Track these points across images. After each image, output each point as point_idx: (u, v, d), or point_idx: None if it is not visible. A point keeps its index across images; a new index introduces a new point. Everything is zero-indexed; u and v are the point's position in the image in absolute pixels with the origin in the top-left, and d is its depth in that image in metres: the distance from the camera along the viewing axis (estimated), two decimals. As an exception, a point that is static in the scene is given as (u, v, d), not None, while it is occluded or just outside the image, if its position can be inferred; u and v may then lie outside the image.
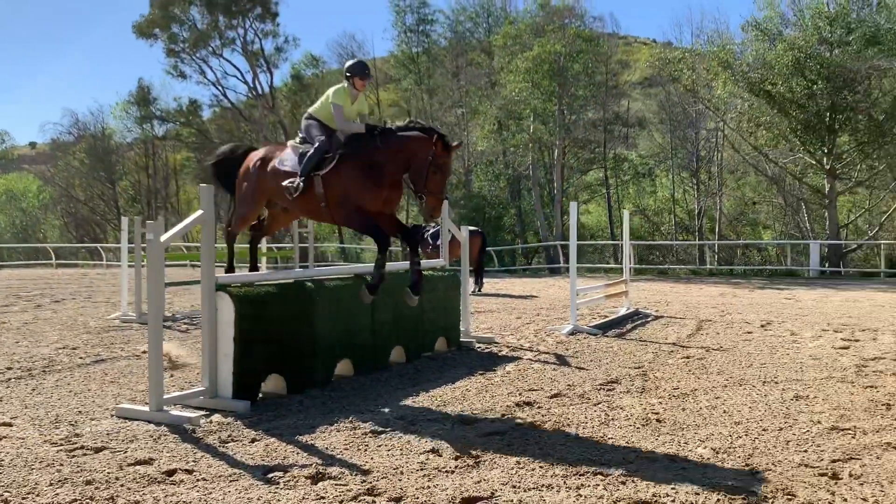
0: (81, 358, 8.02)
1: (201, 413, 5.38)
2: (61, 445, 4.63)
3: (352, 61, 6.95)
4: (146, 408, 5.35)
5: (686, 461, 4.32)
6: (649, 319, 11.63)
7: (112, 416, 5.39)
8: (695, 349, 8.55)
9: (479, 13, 41.86)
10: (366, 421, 5.25)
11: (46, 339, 9.46)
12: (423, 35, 41.90)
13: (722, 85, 27.41)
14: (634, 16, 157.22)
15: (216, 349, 5.68)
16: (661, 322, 11.31)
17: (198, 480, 4.00)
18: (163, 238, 5.57)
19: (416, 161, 6.09)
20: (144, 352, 7.72)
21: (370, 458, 4.38)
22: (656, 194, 40.95)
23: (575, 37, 32.54)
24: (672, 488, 3.81)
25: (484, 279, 18.24)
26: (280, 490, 3.85)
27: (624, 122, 40.19)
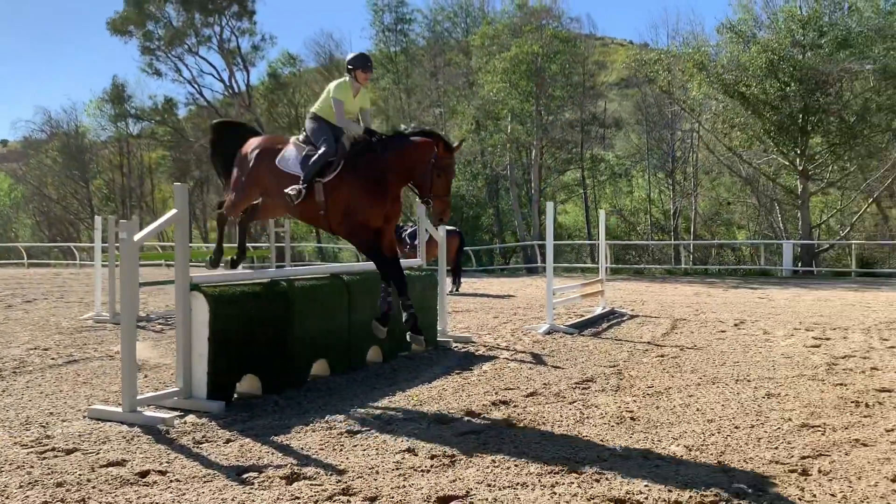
0: (53, 359, 7.92)
1: (175, 414, 5.34)
2: (32, 447, 4.57)
3: (353, 54, 6.74)
4: (119, 409, 5.29)
5: (659, 459, 4.36)
6: (625, 318, 11.72)
7: (84, 418, 5.33)
8: (669, 348, 8.64)
9: (458, 13, 41.90)
10: (341, 421, 5.24)
11: (17, 340, 9.32)
12: (401, 34, 41.83)
13: (697, 86, 27.68)
14: (611, 17, 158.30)
15: (190, 349, 5.64)
16: (637, 321, 11.41)
17: (171, 481, 3.97)
18: (136, 237, 5.52)
19: (419, 166, 5.97)
20: (118, 352, 7.64)
21: (346, 458, 4.37)
22: (632, 194, 41.27)
23: (552, 37, 32.66)
24: (645, 486, 3.85)
25: (462, 279, 18.27)
26: (255, 490, 3.83)
27: (601, 123, 40.42)
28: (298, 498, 3.72)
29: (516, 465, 4.21)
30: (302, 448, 4.58)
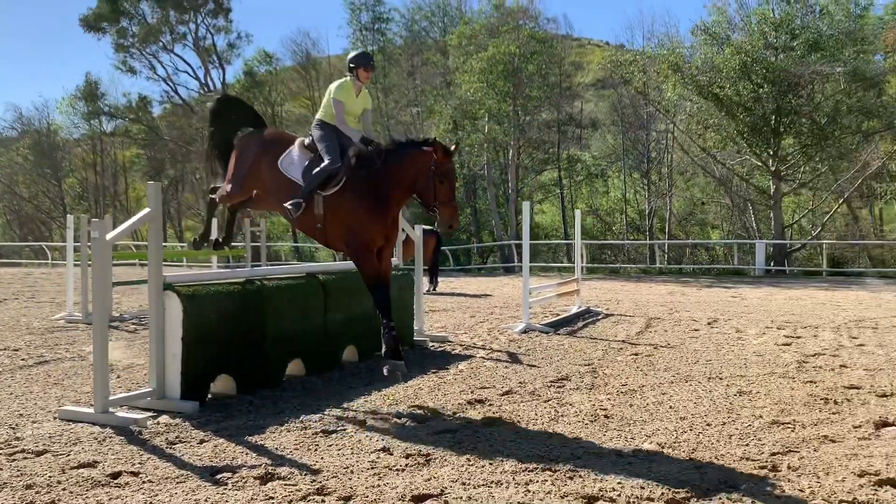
0: (23, 359, 7.80)
1: (148, 414, 5.29)
2: (1, 449, 4.50)
3: (355, 52, 6.56)
4: (91, 410, 5.23)
5: (632, 456, 4.41)
6: (600, 317, 11.81)
7: (55, 419, 5.26)
8: (643, 346, 8.72)
9: (435, 12, 41.94)
10: (317, 421, 5.23)
11: (-13, 341, 9.17)
12: (379, 33, 41.79)
13: (672, 87, 27.96)
14: (588, 18, 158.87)
15: (164, 349, 5.59)
16: (612, 320, 11.50)
17: (144, 482, 3.93)
18: (109, 236, 5.46)
19: (421, 176, 5.85)
20: (90, 353, 7.55)
21: (320, 458, 4.37)
22: (608, 194, 41.57)
23: (529, 38, 32.78)
24: (618, 483, 3.89)
25: (439, 278, 18.29)
26: (228, 491, 3.81)
27: (577, 124, 40.67)
28: (273, 498, 3.71)
29: (491, 464, 4.23)
30: (276, 448, 4.57)
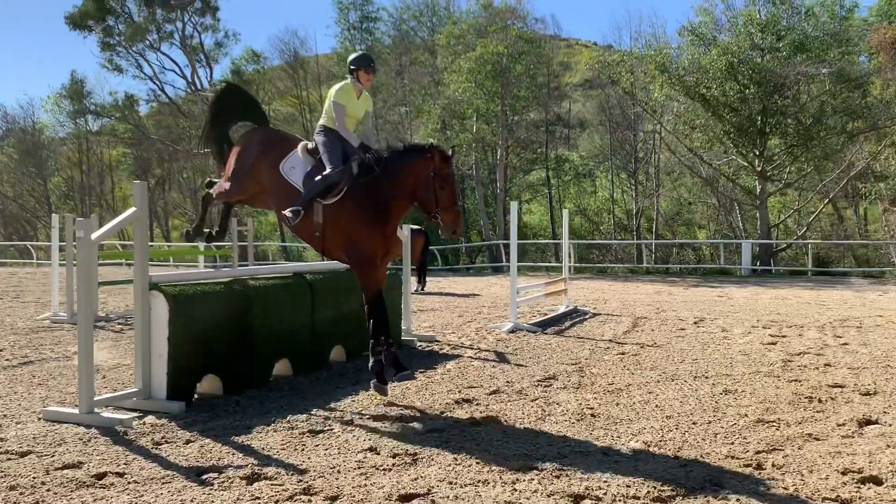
0: (8, 360, 7.74)
1: (134, 415, 5.27)
2: (-16, 450, 4.47)
3: (355, 54, 6.37)
4: (76, 410, 5.20)
5: (619, 454, 4.43)
6: (587, 317, 11.85)
7: (39, 420, 5.23)
8: (630, 346, 8.75)
9: (423, 12, 41.86)
10: (303, 421, 5.22)
11: (-30, 341, 9.09)
12: (367, 33, 41.66)
13: (659, 88, 28.07)
14: (576, 18, 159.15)
15: (150, 349, 5.57)
16: (599, 319, 11.54)
17: (129, 483, 3.91)
18: (94, 236, 5.43)
19: (421, 184, 5.73)
20: (75, 353, 7.50)
21: (307, 458, 4.36)
22: (596, 194, 41.68)
23: (517, 38, 32.83)
24: (604, 481, 3.90)
25: (427, 278, 18.28)
26: (214, 491, 3.80)
27: (565, 124, 40.76)
28: (259, 498, 3.70)
29: (478, 463, 4.23)
30: (263, 448, 4.55)
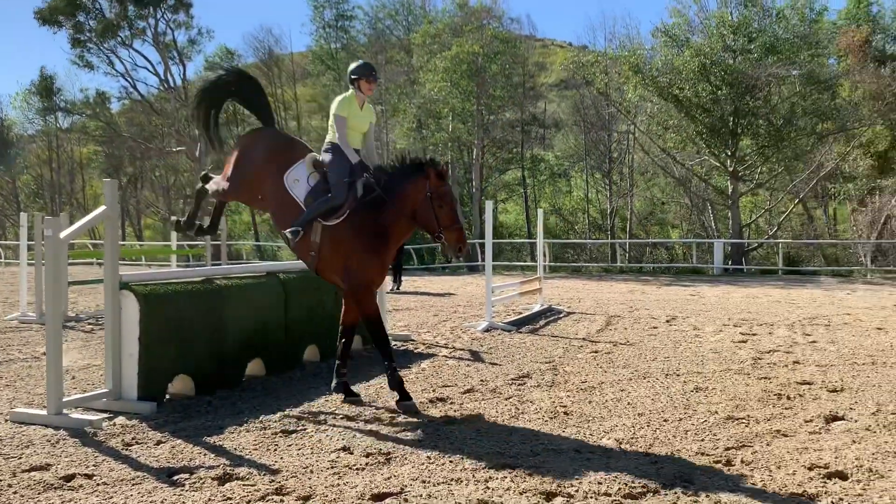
0: (-26, 361, 7.61)
1: (104, 416, 5.21)
2: (-51, 453, 4.39)
3: (356, 63, 6.15)
4: (44, 411, 5.12)
5: (591, 452, 4.47)
6: (561, 316, 11.91)
7: (6, 421, 5.14)
8: (603, 344, 8.82)
9: (399, 11, 41.80)
10: (276, 421, 5.20)
11: (-65, 342, 8.91)
12: (342, 31, 41.58)
13: (633, 89, 28.32)
14: (551, 19, 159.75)
15: (120, 349, 5.50)
16: (573, 318, 11.61)
17: (98, 485, 3.87)
18: (63, 234, 5.36)
19: (420, 206, 5.61)
20: (44, 353, 7.39)
21: (280, 458, 4.34)
22: (571, 194, 41.96)
23: (493, 38, 32.92)
24: (577, 479, 3.93)
25: (403, 277, 18.26)
26: (185, 492, 3.77)
27: (540, 124, 40.96)
28: (231, 498, 3.67)
29: (451, 461, 4.24)
30: (235, 448, 4.52)
